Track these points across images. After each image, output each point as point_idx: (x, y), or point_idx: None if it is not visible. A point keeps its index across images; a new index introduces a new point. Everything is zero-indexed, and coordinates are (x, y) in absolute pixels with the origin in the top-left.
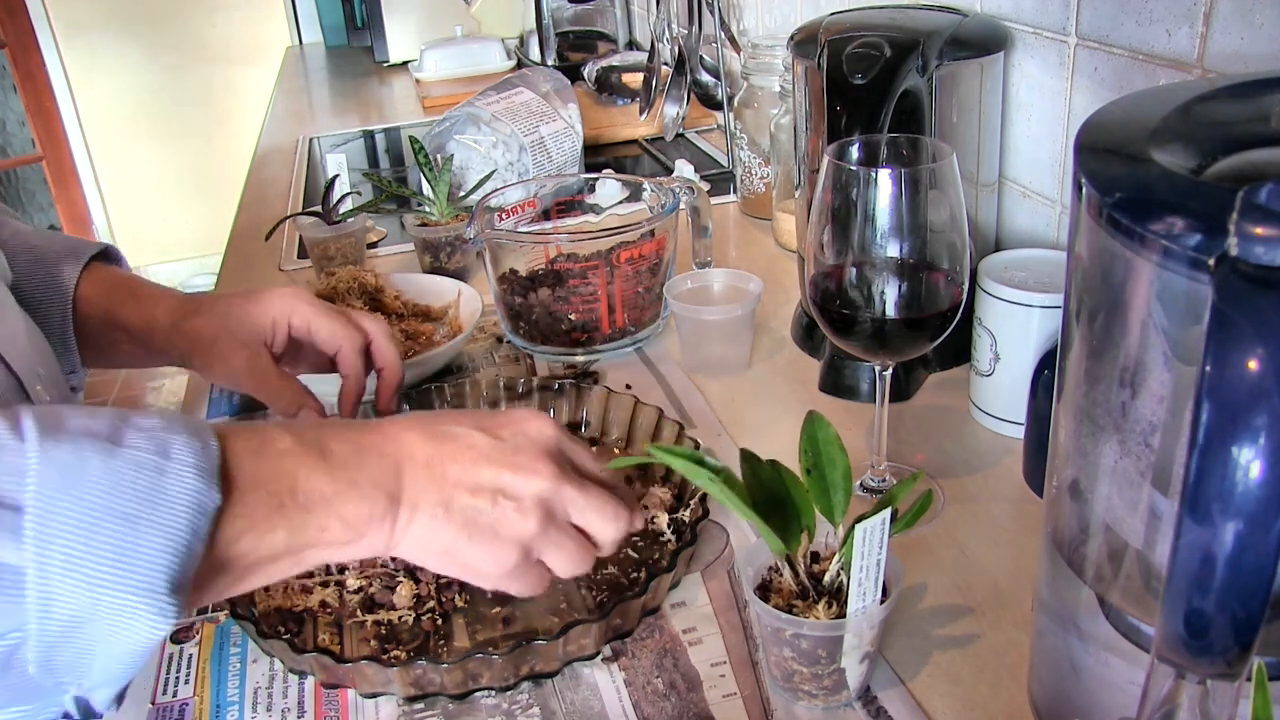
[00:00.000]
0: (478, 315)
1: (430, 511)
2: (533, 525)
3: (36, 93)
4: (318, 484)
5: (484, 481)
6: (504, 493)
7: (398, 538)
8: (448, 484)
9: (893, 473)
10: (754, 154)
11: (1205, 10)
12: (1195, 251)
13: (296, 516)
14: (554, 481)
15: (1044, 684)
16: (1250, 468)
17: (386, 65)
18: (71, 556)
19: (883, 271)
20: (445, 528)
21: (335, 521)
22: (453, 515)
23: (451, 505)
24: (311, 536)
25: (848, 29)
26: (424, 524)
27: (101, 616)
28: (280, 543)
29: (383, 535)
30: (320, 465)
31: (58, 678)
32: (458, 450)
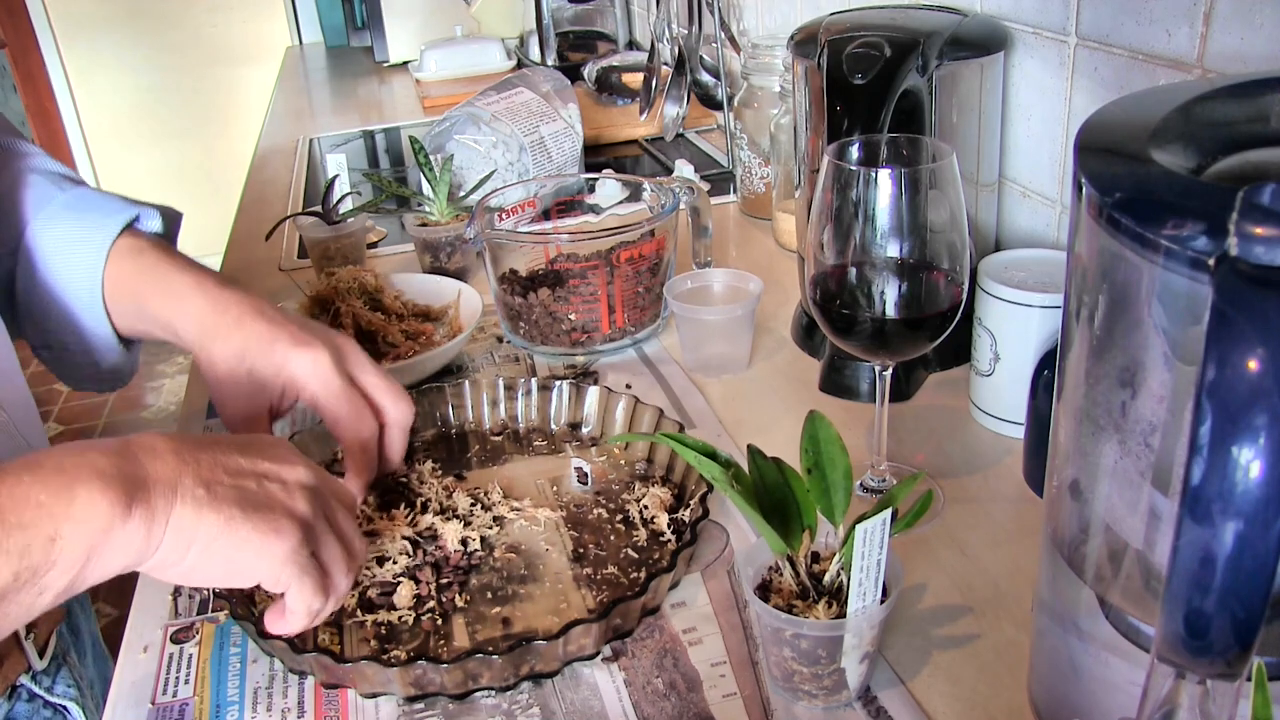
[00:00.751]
0: (478, 315)
1: (192, 493)
2: (304, 505)
3: (36, 93)
4: (28, 493)
5: (243, 466)
6: (266, 476)
7: (155, 533)
8: (203, 466)
9: (893, 473)
10: (754, 154)
11: (1205, 10)
12: (1195, 251)
13: (12, 539)
14: (315, 477)
15: (1044, 684)
16: (1250, 468)
17: (386, 65)
18: None
19: (883, 271)
20: (212, 509)
21: (68, 526)
22: (217, 495)
23: (214, 485)
24: (40, 555)
25: (848, 29)
26: (187, 510)
27: None
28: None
29: (136, 531)
30: (26, 476)
31: None
32: (204, 442)
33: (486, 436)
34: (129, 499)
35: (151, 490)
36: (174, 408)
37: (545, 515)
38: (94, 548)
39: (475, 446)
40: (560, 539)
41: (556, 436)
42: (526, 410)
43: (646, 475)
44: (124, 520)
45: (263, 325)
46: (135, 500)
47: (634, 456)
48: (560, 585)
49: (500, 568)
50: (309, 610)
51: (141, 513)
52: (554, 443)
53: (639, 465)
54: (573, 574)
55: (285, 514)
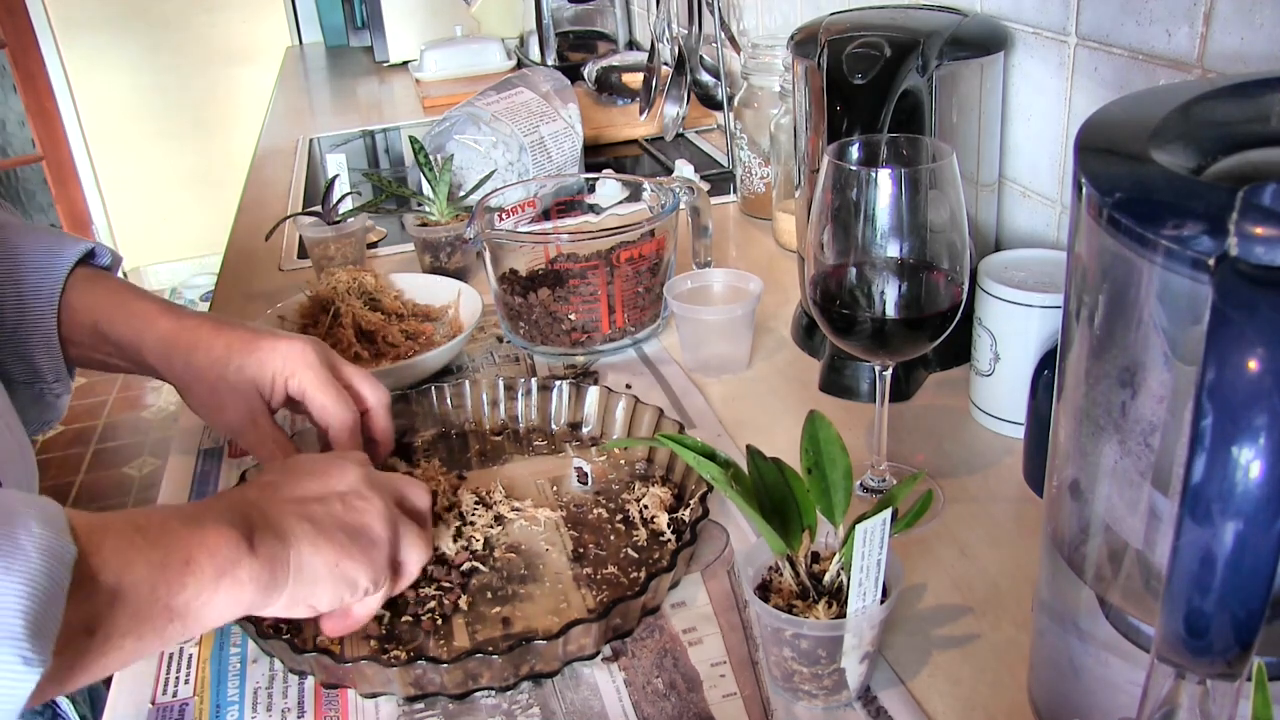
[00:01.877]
0: (478, 315)
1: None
2: (383, 507)
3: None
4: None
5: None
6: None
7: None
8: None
9: (893, 473)
10: (754, 154)
11: (1205, 10)
12: (1195, 251)
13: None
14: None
15: (1044, 684)
16: (1250, 468)
17: (386, 65)
18: None
19: (883, 271)
20: (325, 539)
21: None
22: (322, 526)
23: (315, 518)
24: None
25: (848, 29)
26: (304, 546)
27: None
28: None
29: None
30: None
31: None
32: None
33: (486, 436)
34: (250, 538)
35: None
36: (174, 407)
37: (545, 515)
38: (222, 576)
39: (475, 446)
40: (560, 539)
41: (556, 436)
42: (526, 410)
43: (646, 475)
44: (250, 556)
45: (239, 331)
46: (255, 540)
47: (634, 456)
48: (560, 585)
49: (500, 568)
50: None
51: (264, 551)
52: (554, 443)
53: (639, 465)
54: (573, 574)
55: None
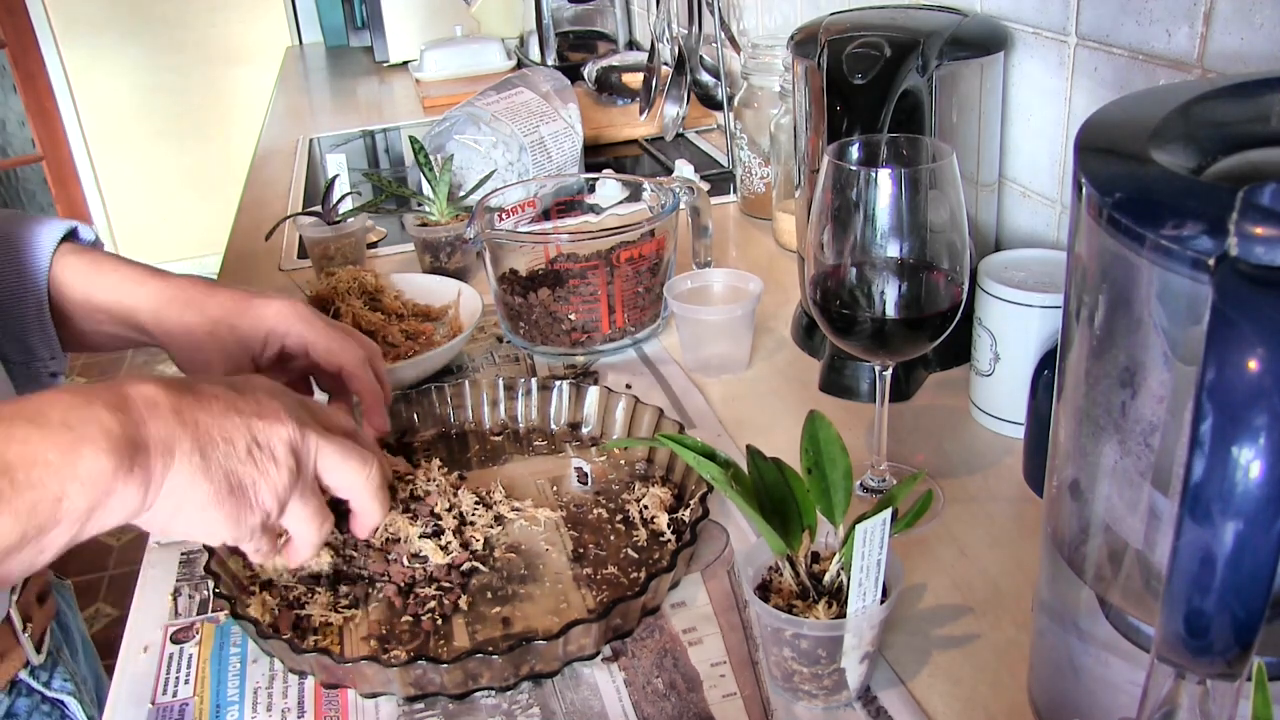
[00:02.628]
0: (478, 315)
1: (189, 459)
2: (285, 478)
3: (36, 93)
4: (37, 451)
5: (235, 431)
6: (255, 442)
7: (152, 493)
8: (200, 431)
9: (893, 473)
10: (754, 154)
11: (1205, 10)
12: (1195, 251)
13: (22, 497)
14: (300, 428)
15: (1044, 684)
16: (1250, 468)
17: (386, 65)
18: None
19: (883, 271)
20: (205, 478)
21: (73, 486)
22: (210, 464)
23: (208, 453)
24: (48, 514)
25: (848, 29)
26: (183, 473)
27: None
28: (10, 533)
29: (135, 491)
30: (35, 433)
31: None
32: (201, 399)
33: (486, 436)
34: (131, 461)
35: (151, 453)
36: None
37: (545, 515)
38: (95, 506)
39: (475, 446)
40: (560, 539)
41: (556, 436)
42: (526, 410)
43: (646, 475)
44: (125, 481)
45: (232, 291)
46: (136, 463)
47: (634, 456)
48: (560, 585)
49: (500, 568)
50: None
51: (141, 475)
52: (554, 443)
53: (639, 465)
54: (573, 574)
55: (268, 491)
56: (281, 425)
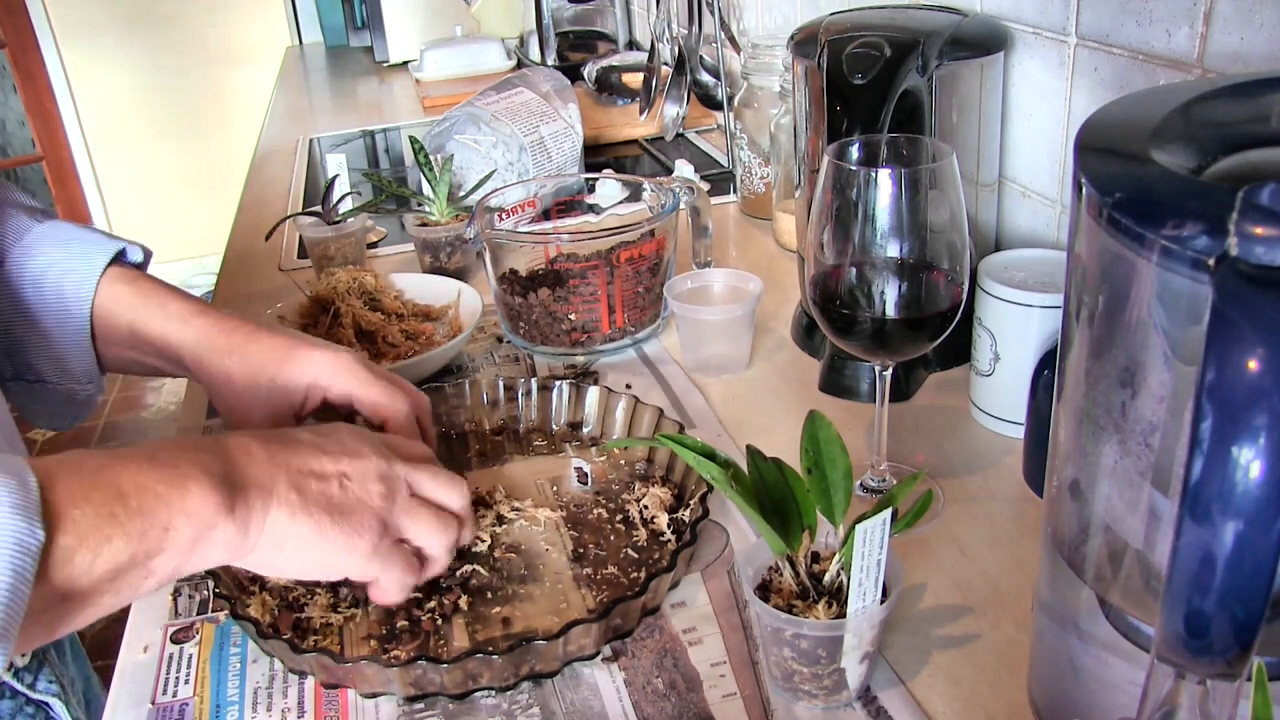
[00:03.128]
0: (478, 315)
1: (285, 498)
2: (380, 499)
3: (36, 93)
4: (147, 482)
5: (325, 468)
6: (345, 475)
7: (254, 533)
8: (293, 472)
9: (893, 473)
10: (754, 154)
11: (1205, 10)
12: (1195, 251)
13: (133, 522)
14: (386, 460)
15: (1044, 684)
16: (1250, 468)
17: (386, 65)
18: None
19: (883, 271)
20: (305, 514)
21: (180, 519)
22: (309, 500)
23: (305, 490)
24: (154, 541)
25: (848, 29)
26: (283, 514)
27: None
28: (121, 554)
29: (234, 530)
30: (146, 466)
31: None
32: (289, 444)
33: (486, 436)
34: (232, 501)
35: (250, 493)
36: (174, 408)
37: (545, 515)
38: (199, 540)
39: (475, 446)
40: (560, 539)
41: (556, 436)
42: (526, 410)
43: (646, 475)
44: (227, 519)
45: (277, 338)
46: (237, 503)
47: (634, 456)
48: (560, 585)
49: (500, 568)
50: (403, 586)
51: (242, 514)
52: (554, 443)
53: (639, 465)
54: (573, 574)
55: (365, 512)
56: (367, 459)
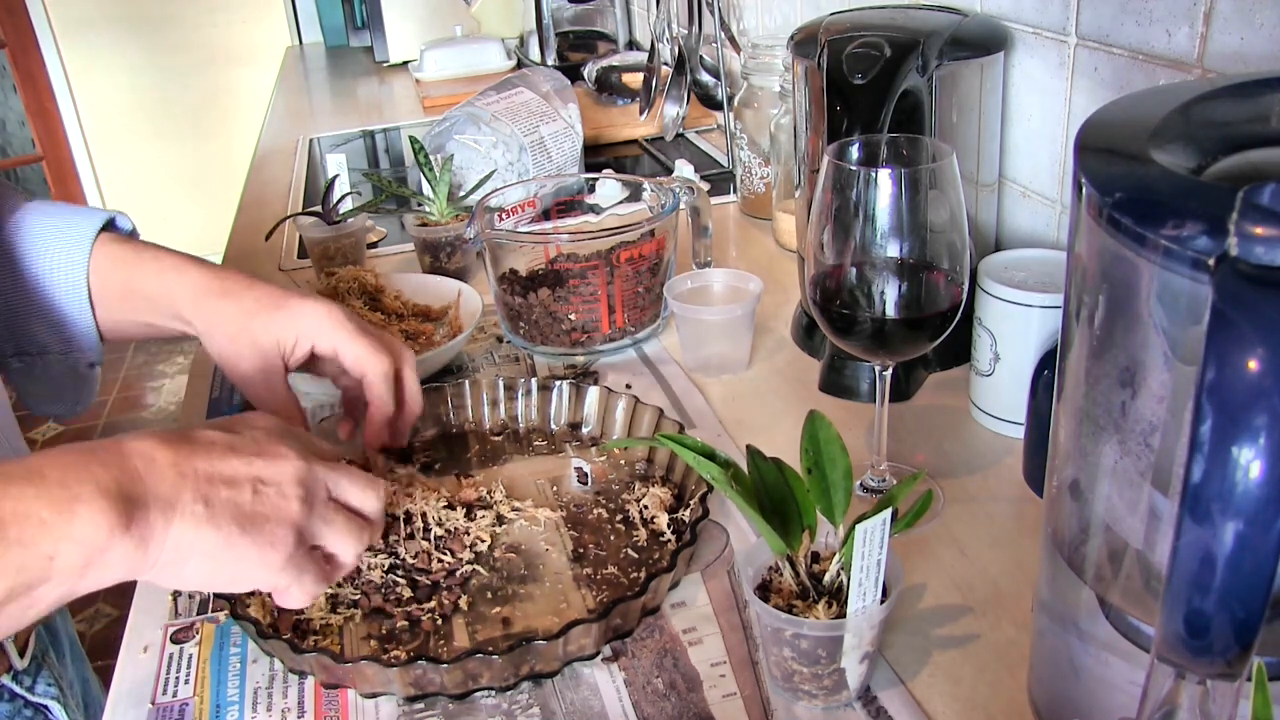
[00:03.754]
0: (478, 315)
1: (190, 510)
2: (298, 506)
3: (36, 93)
4: (30, 508)
5: (238, 472)
6: (260, 479)
7: (154, 549)
8: (200, 480)
9: (893, 473)
10: (754, 154)
11: (1205, 10)
12: (1195, 251)
13: (11, 554)
14: (304, 461)
15: (1044, 684)
16: (1250, 468)
17: (386, 65)
18: None
19: (883, 271)
20: (211, 526)
21: (66, 545)
22: (216, 511)
23: (212, 500)
24: (37, 572)
25: (848, 29)
26: (187, 527)
27: None
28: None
29: (132, 548)
30: (30, 490)
31: None
32: (198, 448)
33: (486, 436)
34: (128, 519)
35: (150, 508)
36: (174, 408)
37: (545, 515)
38: (90, 564)
39: (475, 446)
40: (560, 539)
41: (556, 436)
42: (526, 410)
43: (646, 475)
44: (122, 539)
45: (269, 287)
46: (134, 520)
47: (634, 456)
48: (560, 585)
49: (500, 568)
50: (312, 595)
51: (140, 531)
52: (554, 443)
53: (639, 465)
54: (573, 574)
55: (280, 523)
56: (284, 460)
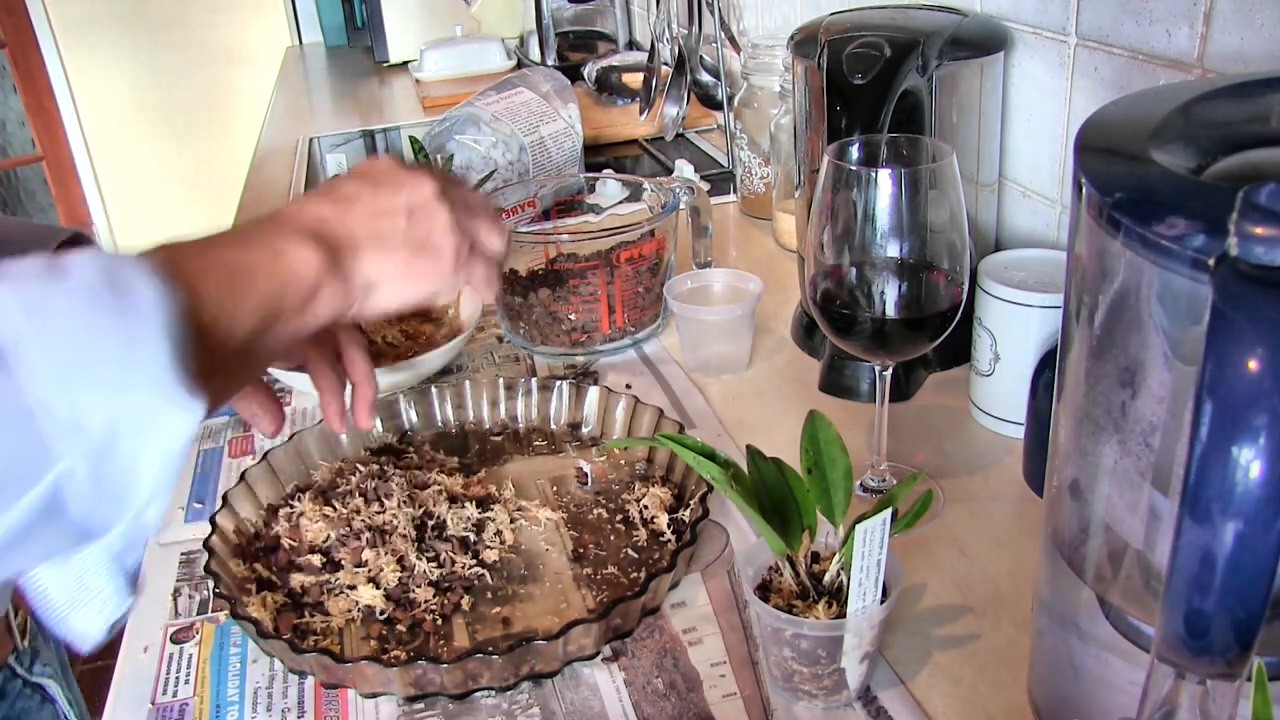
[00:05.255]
0: (478, 315)
1: (369, 246)
2: (446, 215)
3: (36, 93)
4: (252, 257)
5: (391, 205)
6: (410, 206)
7: (352, 286)
8: (366, 221)
9: (893, 473)
10: (754, 154)
11: (1205, 10)
12: (1195, 251)
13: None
14: (434, 178)
15: (1044, 684)
16: (1250, 468)
17: (386, 65)
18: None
19: (883, 271)
20: (390, 255)
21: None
22: (388, 242)
23: (382, 234)
24: (274, 299)
25: (848, 29)
26: (371, 261)
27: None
28: (251, 313)
29: (338, 287)
30: (238, 244)
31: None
32: (350, 197)
33: (486, 436)
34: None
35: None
36: None
37: (545, 515)
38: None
39: (475, 446)
40: (560, 539)
41: (556, 436)
42: (526, 410)
43: (646, 475)
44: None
45: None
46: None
47: (634, 456)
48: (560, 585)
49: (500, 568)
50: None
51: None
52: (554, 443)
53: (639, 465)
54: (573, 574)
55: (440, 234)
56: (420, 183)
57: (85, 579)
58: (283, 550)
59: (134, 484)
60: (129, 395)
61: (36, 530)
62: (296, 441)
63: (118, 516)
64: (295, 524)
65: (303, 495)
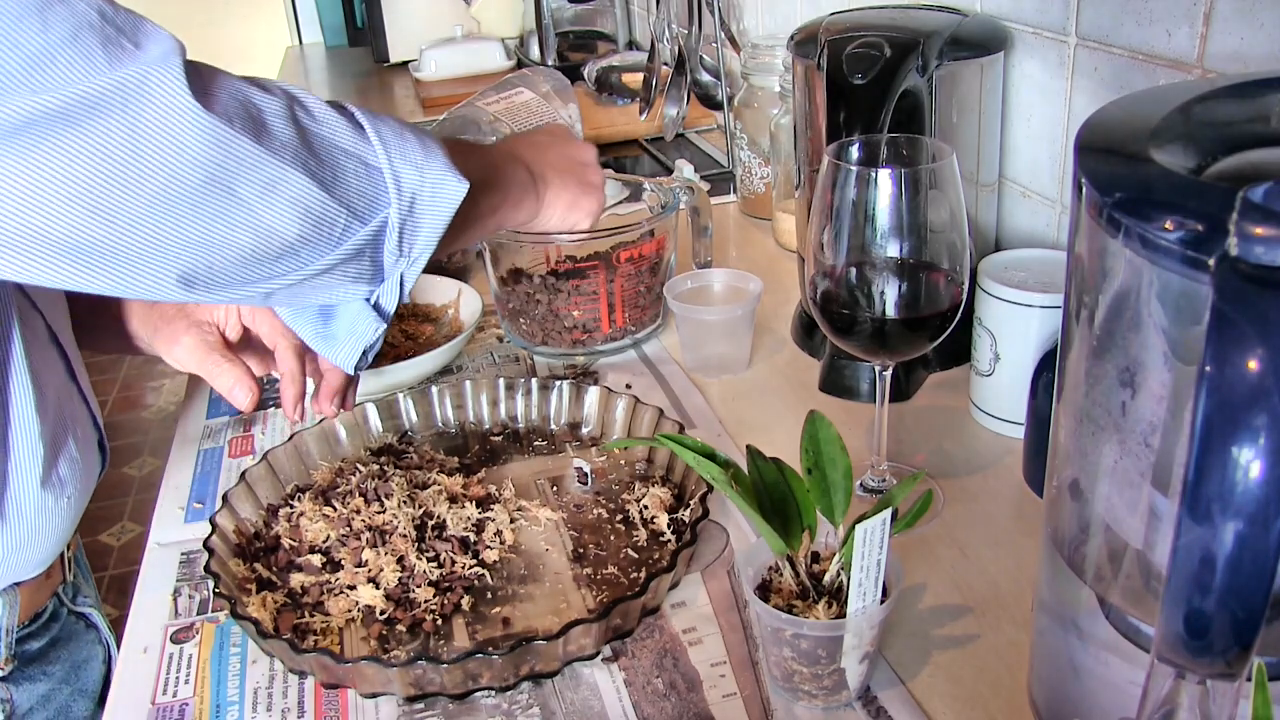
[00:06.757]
0: (478, 315)
1: (554, 182)
2: (597, 172)
3: None
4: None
5: (569, 156)
6: (579, 160)
7: (543, 199)
8: (551, 164)
9: (893, 473)
10: (754, 154)
11: (1205, 10)
12: (1195, 251)
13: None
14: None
15: (1044, 684)
16: (1250, 468)
17: (386, 65)
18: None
19: (883, 271)
20: (567, 187)
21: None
22: (568, 181)
23: (562, 173)
24: (500, 192)
25: (848, 29)
26: (555, 191)
27: (427, 190)
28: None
29: (534, 201)
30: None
31: (398, 254)
32: (540, 148)
33: (486, 436)
34: (535, 183)
35: (537, 181)
36: (173, 408)
37: (545, 515)
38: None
39: (475, 446)
40: (560, 539)
41: (556, 436)
42: (526, 410)
43: (646, 475)
44: (533, 196)
45: None
46: (536, 185)
47: (634, 456)
48: (560, 585)
49: (500, 568)
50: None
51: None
52: (554, 443)
53: (639, 465)
54: (573, 574)
55: (596, 179)
56: (585, 146)
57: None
58: (283, 550)
59: (416, 241)
60: (427, 173)
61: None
62: (296, 441)
63: (400, 265)
64: (295, 524)
65: (303, 495)
